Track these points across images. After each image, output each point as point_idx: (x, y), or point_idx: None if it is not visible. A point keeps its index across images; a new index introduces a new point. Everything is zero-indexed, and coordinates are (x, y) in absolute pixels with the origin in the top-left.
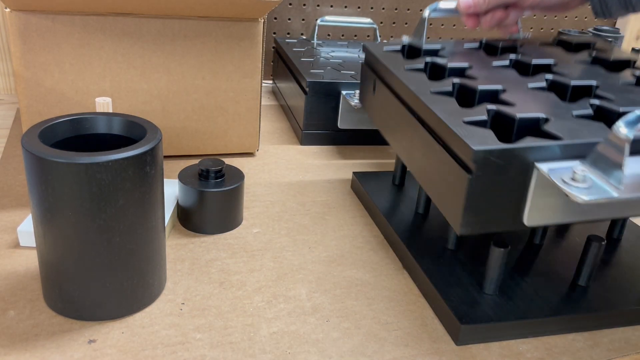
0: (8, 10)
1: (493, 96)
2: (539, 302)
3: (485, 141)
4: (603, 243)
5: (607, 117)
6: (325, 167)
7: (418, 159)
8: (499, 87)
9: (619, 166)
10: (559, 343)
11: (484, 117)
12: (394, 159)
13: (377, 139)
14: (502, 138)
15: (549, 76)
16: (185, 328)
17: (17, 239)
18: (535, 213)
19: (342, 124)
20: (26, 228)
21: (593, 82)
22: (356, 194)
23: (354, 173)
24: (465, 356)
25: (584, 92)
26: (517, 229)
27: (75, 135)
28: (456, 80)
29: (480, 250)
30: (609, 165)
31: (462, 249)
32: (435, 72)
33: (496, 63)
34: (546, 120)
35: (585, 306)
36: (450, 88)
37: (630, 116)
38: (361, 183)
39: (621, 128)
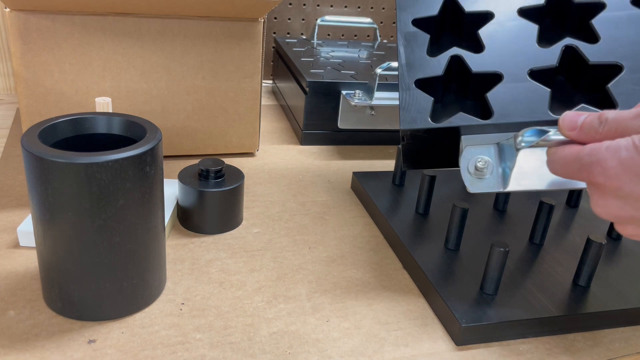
0: (8, 10)
1: (479, 21)
2: (539, 302)
3: (415, 121)
4: (603, 243)
5: (576, 65)
6: (325, 167)
7: None
8: (487, 10)
9: (511, 166)
10: (559, 343)
11: (439, 71)
12: (394, 159)
13: (377, 139)
14: (461, 85)
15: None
16: (185, 328)
17: (17, 239)
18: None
19: (342, 124)
20: (26, 228)
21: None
22: (356, 194)
23: (354, 173)
24: (465, 356)
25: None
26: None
27: (75, 135)
28: None
29: (480, 250)
30: (507, 160)
31: (462, 249)
32: None
33: None
34: (500, 78)
35: (585, 306)
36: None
37: (530, 131)
38: (361, 183)
39: (521, 139)
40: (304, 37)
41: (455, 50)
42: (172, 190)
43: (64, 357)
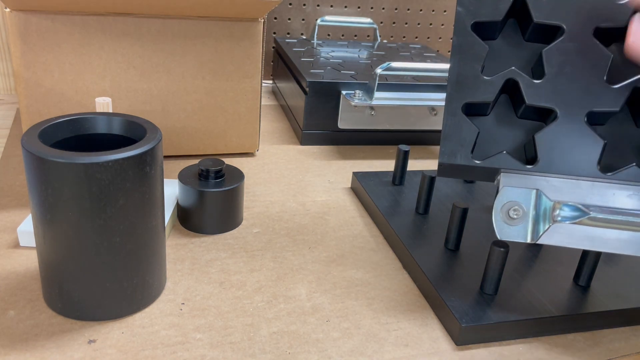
0: (8, 10)
1: (548, 36)
2: (539, 302)
3: (455, 155)
4: None
5: None
6: (325, 167)
7: None
8: (559, 24)
9: (545, 226)
10: (559, 343)
11: (491, 96)
12: (394, 159)
13: (377, 139)
14: (512, 101)
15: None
16: (185, 328)
17: (17, 239)
18: None
19: (342, 124)
20: (26, 228)
21: None
22: (356, 194)
23: (354, 173)
24: (465, 356)
25: None
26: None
27: (75, 135)
28: None
29: (480, 250)
30: (543, 215)
31: (462, 249)
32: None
33: None
34: (554, 117)
35: (585, 306)
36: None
37: (570, 208)
38: (361, 183)
39: (558, 214)
40: (304, 37)
41: (512, 73)
42: (172, 190)
43: (64, 357)
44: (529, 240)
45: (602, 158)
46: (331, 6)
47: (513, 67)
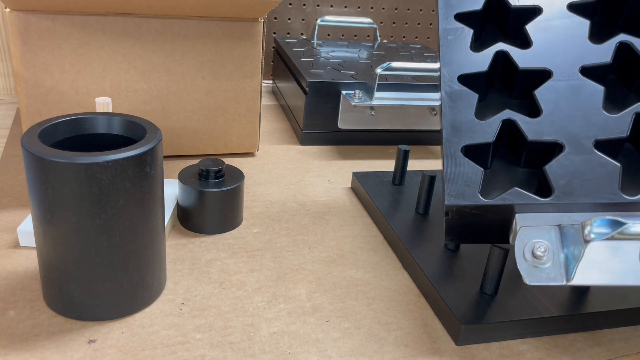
0: (8, 10)
1: (535, 81)
2: (539, 302)
3: (462, 196)
4: None
5: None
6: (325, 167)
7: None
8: (545, 68)
9: (577, 258)
10: (559, 343)
11: (489, 139)
12: (394, 159)
13: (377, 139)
14: (512, 151)
15: (625, 39)
16: (185, 328)
17: (17, 239)
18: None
19: (342, 124)
20: (26, 228)
21: None
22: (356, 194)
23: (354, 173)
24: (465, 356)
25: None
26: (503, 242)
27: (75, 135)
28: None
29: (480, 250)
30: (572, 248)
31: (462, 249)
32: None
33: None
34: (560, 148)
35: (585, 306)
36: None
37: (601, 221)
38: (361, 183)
39: (590, 231)
40: (304, 37)
41: (508, 114)
42: (172, 190)
43: (64, 357)
44: (564, 282)
45: (622, 182)
46: (331, 6)
47: (507, 109)
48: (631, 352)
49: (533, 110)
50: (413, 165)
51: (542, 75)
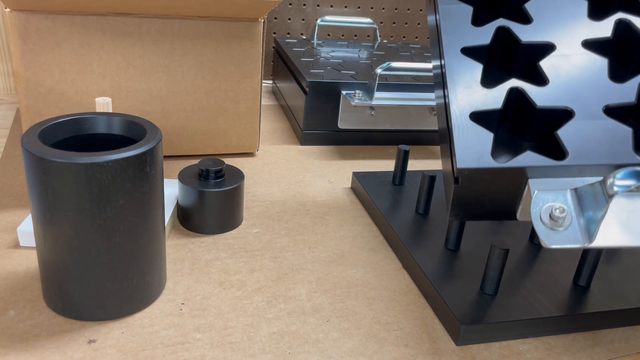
0: (8, 10)
1: (537, 54)
2: (539, 302)
3: (475, 160)
4: None
5: None
6: (325, 167)
7: None
8: (547, 42)
9: (598, 217)
10: (559, 343)
11: (498, 106)
12: (394, 159)
13: (377, 139)
14: (519, 122)
15: (623, 17)
16: (185, 328)
17: (17, 239)
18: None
19: (342, 124)
20: (26, 228)
21: None
22: (356, 194)
23: (354, 173)
24: (465, 356)
25: None
26: (509, 219)
27: (75, 135)
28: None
29: (480, 250)
30: (591, 209)
31: (462, 249)
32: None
33: None
34: (570, 115)
35: (585, 306)
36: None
37: (625, 173)
38: (361, 183)
39: (613, 182)
40: (304, 37)
41: (514, 82)
42: (172, 190)
43: (64, 357)
44: (585, 244)
45: (637, 146)
46: (331, 6)
47: (513, 79)
48: (631, 352)
49: (539, 79)
50: (413, 165)
51: (544, 49)
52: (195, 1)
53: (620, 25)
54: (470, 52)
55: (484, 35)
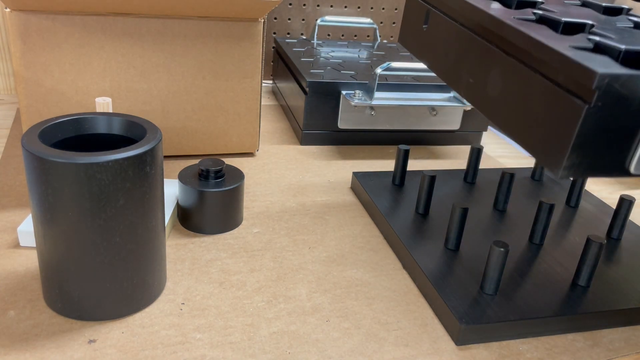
0: (8, 10)
1: (581, 29)
2: (539, 302)
3: (609, 66)
4: (603, 243)
5: None
6: (325, 167)
7: (497, 94)
8: (587, 21)
9: None
10: (559, 343)
11: (589, 44)
12: (394, 159)
13: (377, 139)
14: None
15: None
16: (185, 328)
17: (17, 239)
18: None
19: (342, 124)
20: (26, 228)
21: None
22: (356, 194)
23: (354, 173)
24: (465, 356)
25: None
26: (620, 176)
27: (75, 135)
28: (537, 11)
29: (480, 250)
30: None
31: (462, 248)
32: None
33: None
34: None
35: (585, 306)
36: (533, 17)
37: None
38: (361, 183)
39: None
40: (304, 37)
41: (588, 36)
42: (172, 190)
43: (64, 357)
44: None
45: None
46: (331, 6)
47: None
48: (631, 352)
49: None
50: (413, 165)
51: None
52: (195, 1)
53: None
54: None
55: None
